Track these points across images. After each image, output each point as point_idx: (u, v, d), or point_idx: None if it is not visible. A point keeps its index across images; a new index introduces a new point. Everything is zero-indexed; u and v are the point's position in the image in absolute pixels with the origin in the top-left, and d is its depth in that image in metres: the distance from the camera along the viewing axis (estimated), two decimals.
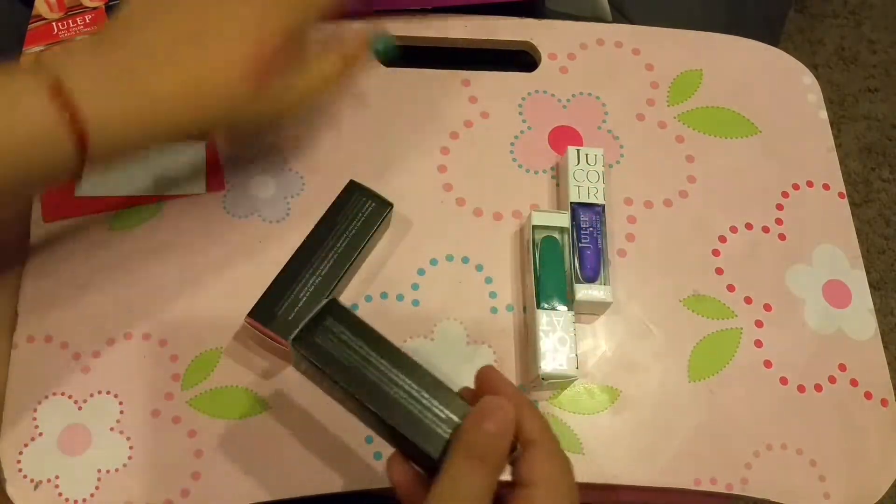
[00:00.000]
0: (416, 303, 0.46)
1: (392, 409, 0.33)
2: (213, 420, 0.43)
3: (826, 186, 0.53)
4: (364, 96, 0.52)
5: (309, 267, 0.44)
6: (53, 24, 0.51)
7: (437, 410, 0.33)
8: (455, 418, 0.33)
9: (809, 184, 0.53)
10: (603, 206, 0.48)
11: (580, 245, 0.47)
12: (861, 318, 0.49)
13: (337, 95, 0.51)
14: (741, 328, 0.48)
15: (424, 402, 0.33)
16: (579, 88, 0.54)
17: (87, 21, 0.51)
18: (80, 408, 0.42)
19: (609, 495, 0.47)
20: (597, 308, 0.47)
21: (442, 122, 0.52)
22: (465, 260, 0.48)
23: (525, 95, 0.53)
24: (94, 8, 0.52)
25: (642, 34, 0.56)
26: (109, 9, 0.52)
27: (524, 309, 0.47)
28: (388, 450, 0.35)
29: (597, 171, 0.49)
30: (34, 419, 0.42)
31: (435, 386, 0.34)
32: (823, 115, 0.55)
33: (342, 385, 0.33)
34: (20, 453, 0.41)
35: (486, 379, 0.34)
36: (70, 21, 0.51)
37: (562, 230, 0.47)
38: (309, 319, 0.34)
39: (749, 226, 0.51)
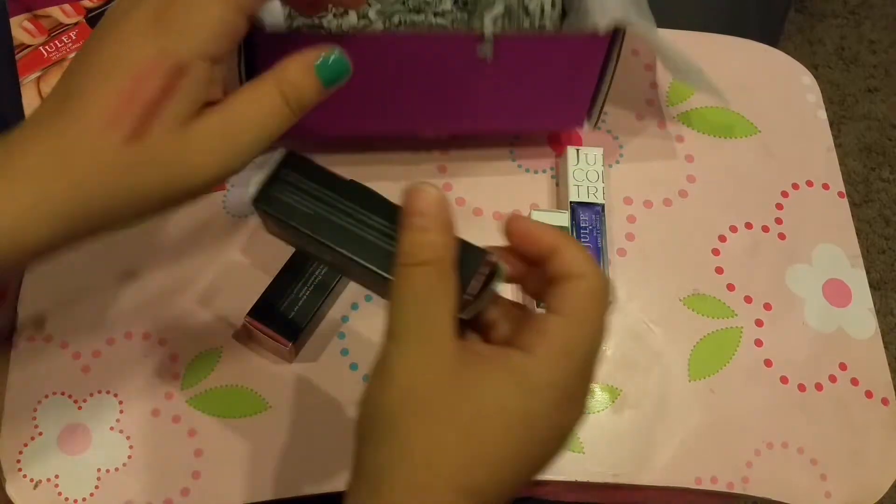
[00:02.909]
0: None
1: (369, 252, 0.30)
2: (213, 420, 0.43)
3: (826, 186, 0.53)
4: None
5: (309, 266, 0.44)
6: (41, 48, 0.51)
7: None
8: None
9: (809, 183, 0.53)
10: (603, 206, 0.48)
11: None
12: (861, 317, 0.49)
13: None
14: (741, 327, 0.48)
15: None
16: None
17: (74, 38, 0.51)
18: (80, 408, 0.42)
19: (610, 494, 0.47)
20: None
21: None
22: None
23: None
24: (75, 23, 0.52)
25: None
26: (92, 21, 0.52)
27: None
28: None
29: (596, 171, 0.49)
30: (34, 419, 0.42)
31: None
32: (823, 115, 0.55)
33: (311, 235, 0.30)
34: (20, 453, 0.41)
35: (515, 228, 0.30)
36: (56, 41, 0.51)
37: (562, 230, 0.47)
38: (267, 175, 0.31)
39: (749, 225, 0.51)
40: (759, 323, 0.48)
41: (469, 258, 0.29)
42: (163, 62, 0.28)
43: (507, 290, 0.48)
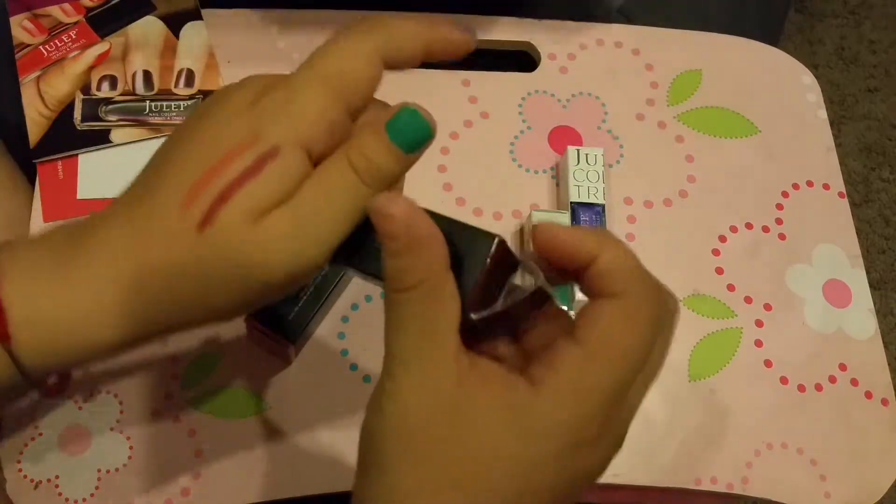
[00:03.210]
0: None
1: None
2: (213, 420, 0.43)
3: (826, 186, 0.53)
4: None
5: None
6: (41, 48, 0.51)
7: None
8: None
9: (809, 184, 0.53)
10: (603, 206, 0.48)
11: None
12: (861, 317, 0.49)
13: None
14: (741, 328, 0.48)
15: None
16: (579, 88, 0.54)
17: (74, 37, 0.51)
18: (80, 408, 0.42)
19: (609, 495, 0.47)
20: None
21: (442, 122, 0.51)
22: None
23: (525, 95, 0.53)
24: (75, 22, 0.52)
25: (642, 34, 0.56)
26: (91, 21, 0.52)
27: None
28: None
29: (597, 171, 0.49)
30: (34, 419, 0.42)
31: None
32: (823, 114, 0.55)
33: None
34: (20, 453, 0.41)
35: (544, 241, 0.26)
36: (56, 41, 0.51)
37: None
38: None
39: (749, 225, 0.51)
40: (759, 323, 0.48)
41: (474, 249, 0.26)
42: (253, 143, 0.26)
43: None
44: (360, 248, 0.28)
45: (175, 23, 0.53)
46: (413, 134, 0.27)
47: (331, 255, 0.27)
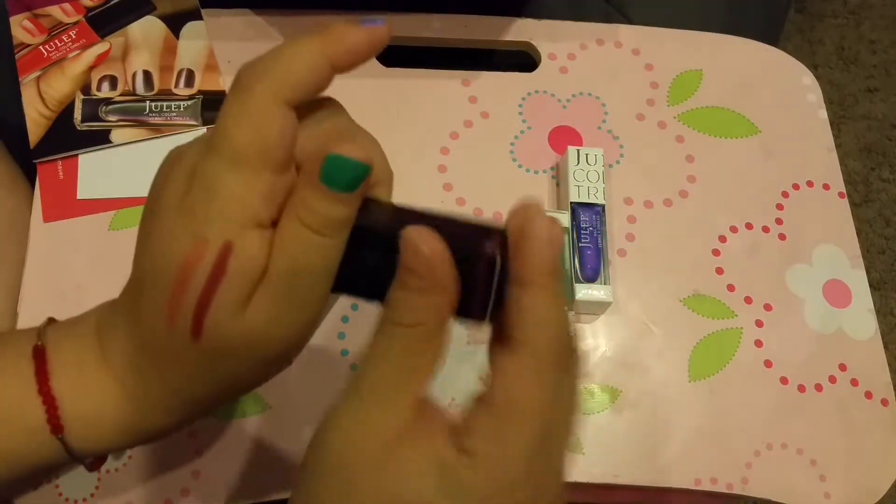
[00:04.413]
0: None
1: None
2: (213, 420, 0.43)
3: (826, 186, 0.53)
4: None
5: None
6: (41, 48, 0.51)
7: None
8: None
9: (809, 184, 0.53)
10: (603, 206, 0.48)
11: (580, 245, 0.47)
12: (861, 317, 0.49)
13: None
14: (741, 328, 0.48)
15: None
16: (579, 88, 0.54)
17: (73, 37, 0.51)
18: None
19: (609, 495, 0.47)
20: (597, 308, 0.47)
21: (442, 122, 0.52)
22: None
23: (525, 95, 0.53)
24: (75, 22, 0.52)
25: (642, 34, 0.56)
26: (91, 20, 0.52)
27: None
28: None
29: (597, 171, 0.49)
30: None
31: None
32: (823, 115, 0.55)
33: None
34: None
35: (517, 214, 0.26)
36: (56, 41, 0.51)
37: (562, 230, 0.47)
38: None
39: (749, 226, 0.51)
40: (759, 323, 0.48)
41: (480, 249, 0.25)
42: (203, 247, 0.25)
43: None
44: (353, 274, 0.27)
45: (175, 23, 0.53)
46: (348, 175, 0.25)
47: (322, 306, 0.28)
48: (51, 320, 0.32)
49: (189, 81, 0.51)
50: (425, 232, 0.24)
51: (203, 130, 0.50)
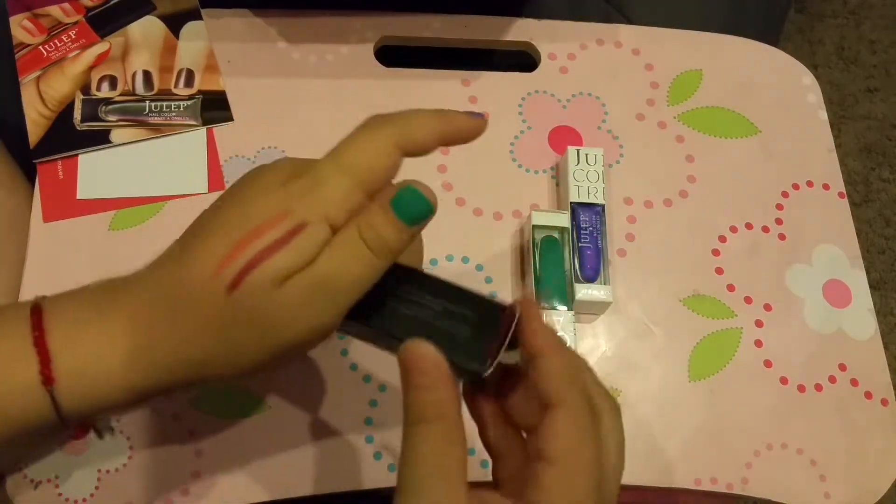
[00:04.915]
0: None
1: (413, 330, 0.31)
2: (213, 420, 0.43)
3: (826, 186, 0.53)
4: None
5: None
6: (40, 48, 0.51)
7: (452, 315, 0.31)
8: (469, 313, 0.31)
9: (809, 184, 0.53)
10: (603, 206, 0.48)
11: (580, 245, 0.47)
12: (861, 317, 0.49)
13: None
14: (741, 328, 0.48)
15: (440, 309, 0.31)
16: (579, 88, 0.54)
17: (73, 37, 0.51)
18: None
19: None
20: (597, 308, 0.47)
21: None
22: (465, 260, 0.48)
23: (525, 95, 0.53)
24: (75, 22, 0.52)
25: (642, 34, 0.56)
26: (91, 20, 0.52)
27: None
28: (387, 450, 0.35)
29: (597, 171, 0.49)
30: None
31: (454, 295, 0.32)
32: (823, 115, 0.55)
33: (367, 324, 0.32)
34: None
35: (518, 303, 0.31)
36: (56, 41, 0.51)
37: (562, 230, 0.47)
38: None
39: (749, 226, 0.51)
40: (758, 323, 0.48)
41: (487, 321, 0.31)
42: (283, 218, 0.29)
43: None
44: (371, 308, 0.31)
45: (175, 23, 0.53)
46: (415, 210, 0.30)
47: (336, 321, 0.30)
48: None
49: (189, 81, 0.51)
50: (420, 342, 0.28)
51: (203, 130, 0.50)
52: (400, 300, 0.31)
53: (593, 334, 0.47)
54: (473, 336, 0.30)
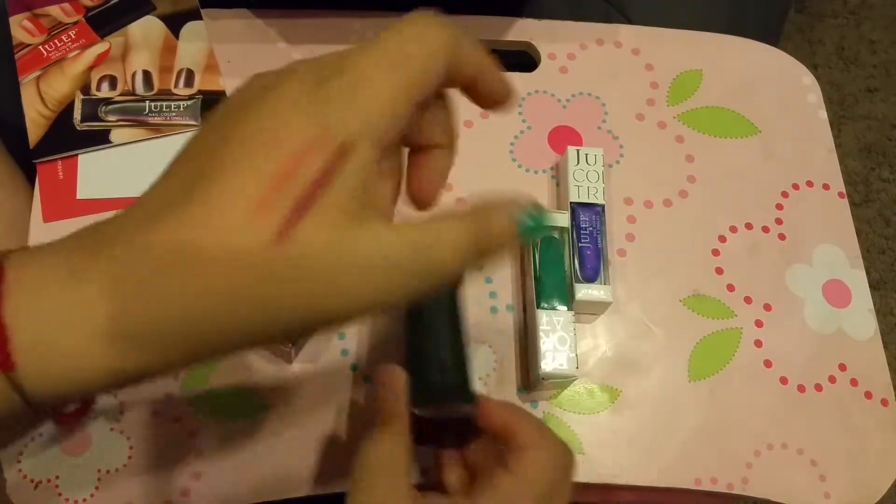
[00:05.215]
0: None
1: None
2: (213, 420, 0.43)
3: (826, 186, 0.53)
4: None
5: None
6: (40, 47, 0.51)
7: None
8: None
9: (809, 184, 0.53)
10: (603, 206, 0.48)
11: (580, 245, 0.47)
12: (861, 317, 0.49)
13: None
14: (741, 328, 0.48)
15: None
16: (579, 88, 0.54)
17: (73, 37, 0.51)
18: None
19: (609, 495, 0.47)
20: (597, 308, 0.47)
21: None
22: None
23: (525, 95, 0.53)
24: (75, 22, 0.52)
25: (642, 34, 0.56)
26: (91, 20, 0.52)
27: (524, 309, 0.47)
28: None
29: (596, 171, 0.49)
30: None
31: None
32: (823, 115, 0.55)
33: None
34: (20, 453, 0.41)
35: (485, 410, 0.36)
36: (56, 41, 0.51)
37: (562, 230, 0.47)
38: None
39: (749, 226, 0.51)
40: (758, 323, 0.48)
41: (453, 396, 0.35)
42: (326, 140, 0.22)
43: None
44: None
45: (175, 23, 0.53)
46: (536, 232, 0.25)
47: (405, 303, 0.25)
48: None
49: (189, 81, 0.51)
50: (391, 368, 0.34)
51: None
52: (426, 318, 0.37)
53: (593, 334, 0.47)
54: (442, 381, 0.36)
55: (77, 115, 0.49)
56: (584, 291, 0.45)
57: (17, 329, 0.22)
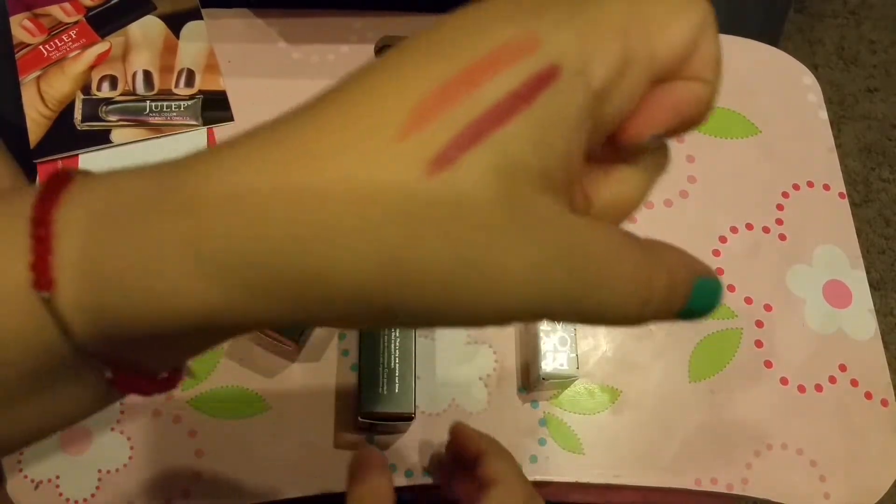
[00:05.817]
0: None
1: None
2: (213, 420, 0.43)
3: (826, 186, 0.53)
4: None
5: None
6: (41, 47, 0.51)
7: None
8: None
9: (809, 184, 0.53)
10: None
11: None
12: (861, 318, 0.49)
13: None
14: (741, 328, 0.48)
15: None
16: None
17: (74, 37, 0.51)
18: None
19: (609, 495, 0.47)
20: None
21: None
22: None
23: None
24: (75, 22, 0.52)
25: None
26: (91, 20, 0.52)
27: None
28: (387, 449, 0.35)
29: None
30: None
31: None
32: (823, 115, 0.55)
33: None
34: (20, 453, 0.41)
35: (457, 433, 0.39)
36: (56, 40, 0.51)
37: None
38: None
39: (749, 226, 0.51)
40: (759, 324, 0.48)
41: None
42: (526, 46, 0.15)
43: None
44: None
45: (175, 22, 0.53)
46: (703, 309, 0.20)
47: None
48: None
49: (189, 81, 0.51)
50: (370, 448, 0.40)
51: (203, 130, 0.50)
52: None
53: (593, 334, 0.47)
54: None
55: (78, 114, 0.49)
56: None
57: (64, 238, 0.16)
